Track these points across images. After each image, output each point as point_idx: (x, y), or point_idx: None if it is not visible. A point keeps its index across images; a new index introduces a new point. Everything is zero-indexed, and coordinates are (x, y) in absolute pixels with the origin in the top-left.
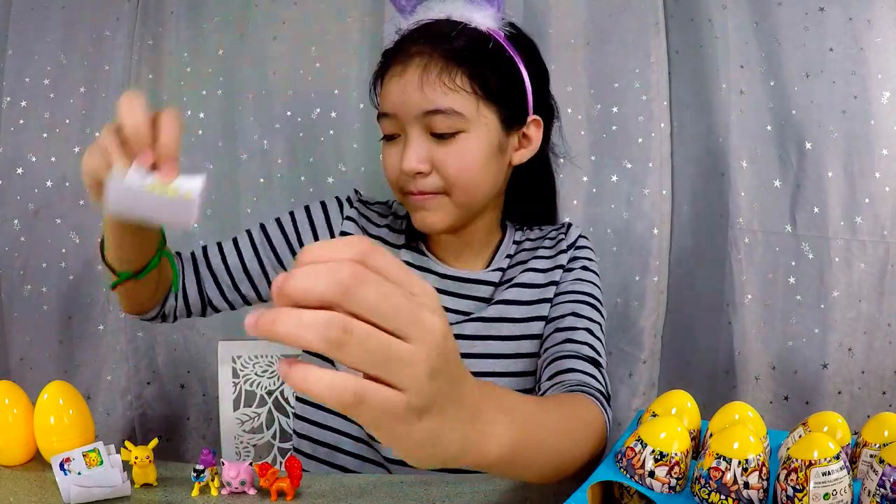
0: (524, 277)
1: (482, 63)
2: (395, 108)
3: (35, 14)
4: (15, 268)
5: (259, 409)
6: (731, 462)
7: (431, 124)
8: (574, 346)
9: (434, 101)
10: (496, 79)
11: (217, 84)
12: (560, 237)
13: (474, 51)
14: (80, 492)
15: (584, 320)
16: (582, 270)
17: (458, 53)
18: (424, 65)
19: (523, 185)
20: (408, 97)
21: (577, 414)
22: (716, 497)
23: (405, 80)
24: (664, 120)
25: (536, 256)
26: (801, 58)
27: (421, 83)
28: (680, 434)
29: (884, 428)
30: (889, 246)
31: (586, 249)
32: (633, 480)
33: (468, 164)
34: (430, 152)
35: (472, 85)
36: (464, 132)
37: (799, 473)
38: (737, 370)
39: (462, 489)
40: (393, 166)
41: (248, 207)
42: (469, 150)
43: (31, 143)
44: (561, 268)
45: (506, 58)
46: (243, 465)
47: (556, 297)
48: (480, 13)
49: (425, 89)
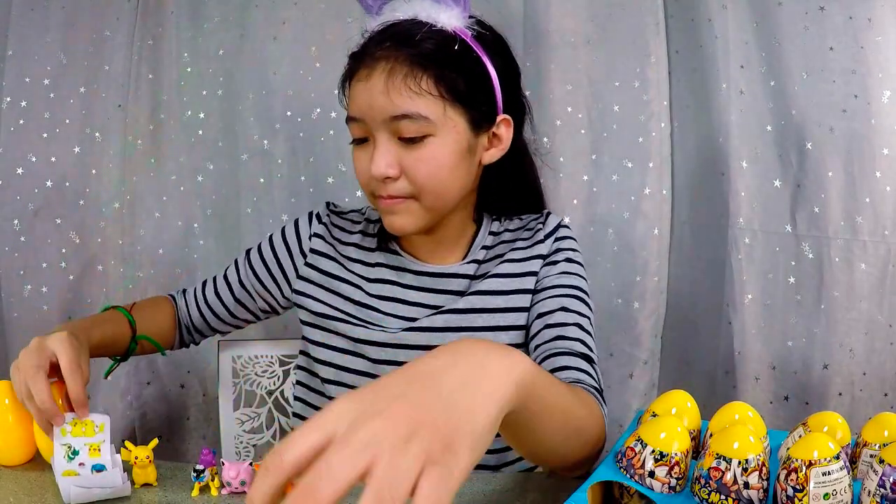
0: (501, 269)
1: (448, 65)
2: (361, 113)
3: (35, 14)
4: (15, 268)
5: (259, 409)
6: (731, 462)
7: (398, 129)
8: (566, 343)
9: (400, 106)
10: (463, 80)
11: (217, 84)
12: (538, 227)
13: (440, 53)
14: (80, 492)
15: (574, 315)
16: (566, 263)
17: (424, 56)
18: (390, 69)
19: (496, 181)
20: (374, 101)
21: (582, 396)
22: (716, 497)
23: (371, 84)
24: (664, 120)
25: (515, 248)
26: (802, 57)
27: (387, 87)
28: (680, 434)
29: (884, 428)
30: (890, 246)
31: (569, 240)
32: (633, 480)
33: (436, 169)
34: (399, 157)
35: (438, 88)
36: (431, 136)
37: (799, 473)
38: (737, 370)
39: (461, 489)
40: (363, 170)
41: (248, 207)
42: (437, 154)
43: (31, 143)
44: (540, 258)
45: (473, 58)
46: (243, 465)
47: (542, 290)
48: (447, 13)
49: (391, 94)
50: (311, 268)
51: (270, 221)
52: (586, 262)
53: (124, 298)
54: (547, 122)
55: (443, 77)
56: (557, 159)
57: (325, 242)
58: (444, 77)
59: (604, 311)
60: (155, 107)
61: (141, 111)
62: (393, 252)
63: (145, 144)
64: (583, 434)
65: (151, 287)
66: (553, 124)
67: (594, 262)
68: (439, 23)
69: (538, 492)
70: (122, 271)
